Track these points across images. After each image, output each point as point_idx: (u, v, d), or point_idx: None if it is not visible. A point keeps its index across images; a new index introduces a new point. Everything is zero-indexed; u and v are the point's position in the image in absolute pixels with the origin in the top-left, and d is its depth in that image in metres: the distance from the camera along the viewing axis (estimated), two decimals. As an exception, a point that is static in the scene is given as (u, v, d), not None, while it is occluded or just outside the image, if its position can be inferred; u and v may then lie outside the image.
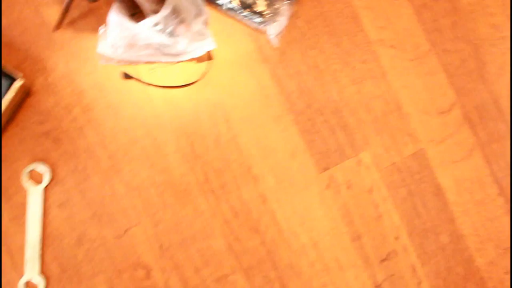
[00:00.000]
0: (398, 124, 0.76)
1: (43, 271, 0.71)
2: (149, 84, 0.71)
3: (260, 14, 0.72)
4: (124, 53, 0.69)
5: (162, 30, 0.69)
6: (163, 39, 0.68)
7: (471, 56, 0.78)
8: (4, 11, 0.70)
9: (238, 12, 0.72)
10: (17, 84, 0.67)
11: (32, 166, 0.71)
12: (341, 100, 0.75)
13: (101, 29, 0.69)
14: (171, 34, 0.70)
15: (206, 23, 0.71)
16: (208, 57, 0.72)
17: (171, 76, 0.72)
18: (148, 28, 0.68)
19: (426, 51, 0.77)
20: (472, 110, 0.77)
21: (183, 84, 0.72)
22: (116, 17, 0.67)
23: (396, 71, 0.76)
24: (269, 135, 0.74)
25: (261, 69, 0.74)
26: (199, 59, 0.73)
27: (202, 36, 0.70)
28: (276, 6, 0.72)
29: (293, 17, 0.74)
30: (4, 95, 0.67)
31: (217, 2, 0.72)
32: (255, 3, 0.73)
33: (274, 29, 0.73)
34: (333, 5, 0.76)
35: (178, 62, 0.72)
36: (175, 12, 0.69)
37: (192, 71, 0.72)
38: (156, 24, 0.68)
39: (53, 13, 0.71)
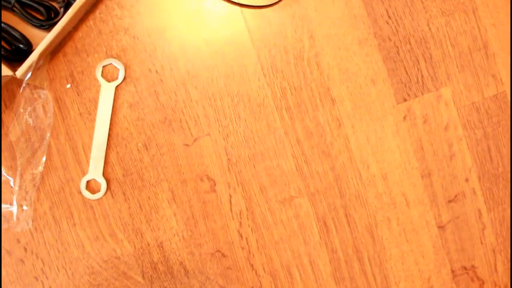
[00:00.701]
0: (483, 63, 0.77)
1: (106, 173, 0.72)
2: (234, 3, 0.71)
3: None
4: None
5: None
6: None
7: None
8: None
9: None
10: None
11: (107, 61, 0.71)
12: (429, 31, 0.76)
13: None
14: None
15: None
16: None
17: None
18: None
19: (520, -9, 0.77)
20: (558, 58, 0.78)
21: (269, 3, 0.73)
22: None
23: (488, 8, 0.77)
24: (352, 58, 0.74)
25: (351, -12, 0.74)
26: None
27: None
28: None
29: None
30: None
31: None
32: None
33: None
34: None
35: None
36: None
37: None
38: None
39: None
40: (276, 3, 0.73)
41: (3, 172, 0.70)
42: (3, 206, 0.70)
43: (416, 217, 0.77)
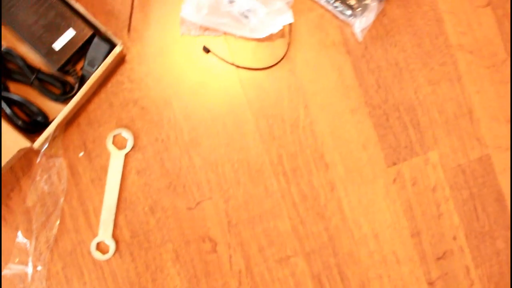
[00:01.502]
0: (468, 127, 0.88)
1: (114, 235, 0.83)
2: (228, 62, 0.83)
3: (350, 7, 0.84)
4: (207, 15, 0.81)
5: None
6: (245, 4, 0.79)
7: None
8: None
9: (330, 2, 0.84)
10: (117, 50, 0.78)
11: (117, 131, 0.82)
12: (416, 99, 0.87)
13: None
14: (253, 2, 0.81)
15: (289, 4, 0.82)
16: (289, 39, 0.84)
17: (249, 56, 0.83)
18: None
19: (503, 60, 0.89)
20: (540, 122, 0.89)
21: (261, 67, 0.84)
22: None
23: (472, 76, 0.88)
24: (345, 125, 0.85)
25: (344, 60, 0.86)
26: (277, 44, 0.84)
27: (281, 12, 0.82)
28: (367, 2, 0.84)
29: (380, 14, 0.86)
30: (103, 59, 0.78)
31: None
32: (345, -4, 0.84)
33: (361, 24, 0.84)
34: (419, 7, 0.87)
35: (254, 38, 0.83)
36: None
37: (271, 53, 0.84)
38: None
39: None
40: (271, 66, 0.84)
41: (19, 235, 0.81)
42: (18, 267, 0.81)
43: (407, 274, 0.88)
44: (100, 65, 0.80)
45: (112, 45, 0.80)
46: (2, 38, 0.82)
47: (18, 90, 0.81)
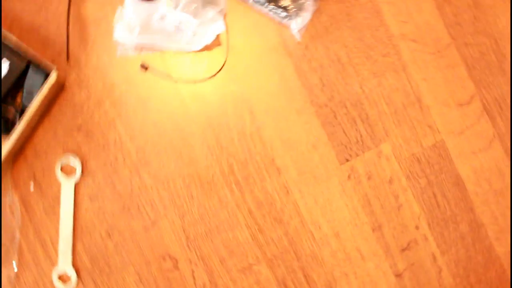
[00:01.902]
0: (418, 116, 0.89)
1: (75, 263, 0.84)
2: (168, 77, 0.84)
3: (285, 8, 0.86)
4: (140, 34, 0.83)
5: (175, 8, 0.82)
6: (176, 18, 0.81)
7: (491, 49, 0.91)
8: (41, 7, 0.83)
9: (264, 6, 0.85)
10: (51, 78, 0.80)
11: (65, 159, 0.84)
12: (363, 93, 0.88)
13: (117, 11, 0.82)
14: (184, 14, 0.83)
15: (221, 13, 0.83)
16: (227, 48, 0.85)
17: (188, 69, 0.85)
18: (163, 6, 0.80)
19: (447, 45, 0.90)
20: (491, 102, 0.91)
21: (201, 79, 0.85)
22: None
23: (417, 65, 0.90)
24: (292, 127, 0.87)
25: (285, 62, 0.87)
26: (215, 53, 0.86)
27: (213, 21, 0.83)
28: (301, 1, 0.85)
29: (316, 12, 0.88)
30: (40, 89, 0.80)
31: None
32: (278, -2, 0.86)
33: (298, 24, 0.86)
34: (357, 0, 0.88)
35: (191, 50, 0.85)
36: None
37: (211, 63, 0.85)
38: (169, 3, 0.81)
39: (90, 7, 0.84)
40: (211, 77, 0.86)
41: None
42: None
43: (373, 269, 0.89)
44: (37, 94, 0.81)
45: (49, 74, 0.82)
46: None
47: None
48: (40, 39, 0.86)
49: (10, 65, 0.82)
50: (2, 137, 0.83)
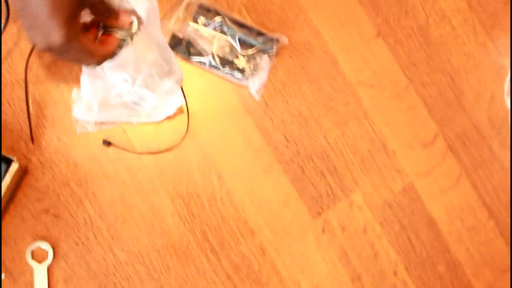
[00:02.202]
0: (385, 161, 0.91)
1: None
2: (131, 151, 0.85)
3: (240, 70, 0.87)
4: (99, 111, 0.84)
5: (132, 86, 0.83)
6: (134, 94, 0.82)
7: (448, 86, 0.94)
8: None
9: (219, 69, 0.87)
10: (13, 167, 0.80)
11: (34, 245, 0.84)
12: (328, 145, 0.90)
13: (74, 92, 0.83)
14: (142, 89, 0.84)
15: (178, 81, 0.85)
16: (187, 116, 0.87)
17: (152, 140, 0.86)
18: (120, 83, 0.81)
19: (405, 87, 0.93)
20: (454, 138, 0.93)
21: (165, 149, 0.86)
22: (87, 76, 0.84)
23: (378, 110, 0.92)
24: (261, 187, 0.88)
25: (246, 122, 0.89)
26: (177, 121, 0.87)
27: (171, 94, 0.85)
28: (256, 61, 0.87)
29: (272, 69, 0.89)
30: (2, 179, 0.80)
31: (200, 60, 0.86)
32: (235, 59, 0.87)
33: (255, 84, 0.88)
34: (311, 52, 0.91)
35: (152, 122, 0.86)
36: (145, 66, 0.83)
37: (174, 131, 0.87)
38: (126, 80, 0.82)
39: (44, 89, 0.84)
40: (174, 147, 0.87)
41: None
42: None
43: (356, 319, 0.91)
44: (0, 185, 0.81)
45: (8, 162, 0.82)
46: None
47: None
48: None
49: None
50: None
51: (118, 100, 0.86)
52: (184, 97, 0.87)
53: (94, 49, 0.73)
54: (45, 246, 0.87)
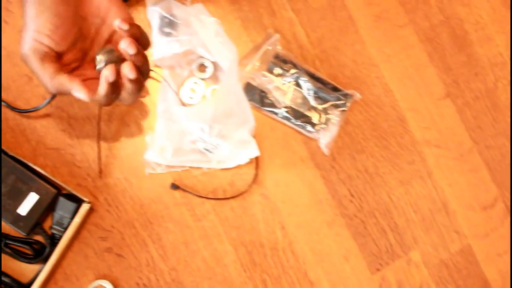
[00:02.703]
0: (445, 221, 0.93)
1: None
2: (198, 196, 0.86)
3: (313, 123, 0.88)
4: (172, 157, 0.84)
5: (208, 134, 0.84)
6: (208, 142, 0.83)
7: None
8: (66, 129, 0.84)
9: (292, 120, 0.88)
10: (84, 208, 0.81)
11: (96, 283, 0.85)
12: (391, 202, 0.91)
13: (149, 136, 0.85)
14: (216, 139, 0.85)
15: (251, 131, 0.86)
16: (256, 165, 0.88)
17: (218, 185, 0.87)
18: (195, 131, 0.83)
19: (469, 148, 0.94)
20: (514, 203, 0.95)
21: (232, 195, 0.87)
22: (162, 120, 0.86)
23: (441, 170, 0.93)
24: (323, 239, 0.90)
25: (313, 174, 0.90)
26: (245, 168, 0.89)
27: (246, 144, 0.86)
28: (328, 115, 0.88)
29: (343, 123, 0.90)
30: (73, 218, 0.81)
31: (273, 110, 0.88)
32: (307, 112, 0.88)
33: (325, 138, 0.89)
34: (381, 109, 0.92)
35: (222, 168, 0.87)
36: (223, 117, 0.84)
37: (241, 179, 0.88)
38: (202, 129, 0.83)
39: (114, 130, 0.86)
40: (242, 193, 0.88)
41: None
42: None
43: None
44: (69, 223, 0.82)
45: (78, 201, 0.83)
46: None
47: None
48: (65, 164, 0.87)
49: (39, 197, 0.83)
50: (33, 264, 0.84)
51: (191, 146, 0.87)
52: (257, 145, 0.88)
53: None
54: (107, 284, 0.88)
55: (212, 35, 0.81)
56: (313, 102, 0.91)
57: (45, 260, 0.85)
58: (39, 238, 0.86)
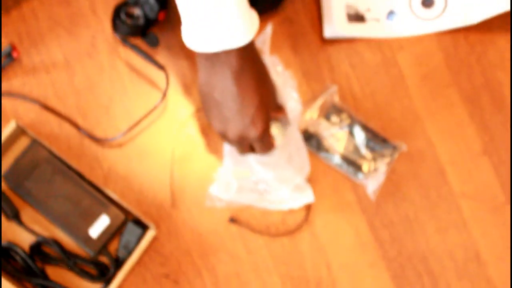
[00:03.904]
0: (477, 270, 1.02)
1: None
2: (253, 231, 0.95)
3: (362, 170, 0.97)
4: (235, 193, 0.93)
5: (270, 177, 0.93)
6: (269, 184, 0.93)
7: None
8: (136, 159, 0.93)
9: (343, 167, 0.97)
10: (150, 234, 0.90)
11: None
12: (428, 249, 1.00)
13: (218, 172, 0.95)
14: (276, 182, 0.94)
15: (306, 177, 0.95)
16: (307, 207, 0.96)
17: (272, 223, 0.98)
18: (259, 171, 0.92)
19: (502, 203, 1.04)
20: (541, 258, 1.04)
21: (284, 233, 0.96)
22: (230, 158, 0.94)
23: (476, 221, 1.03)
24: (364, 280, 0.98)
25: (359, 218, 0.99)
26: (298, 209, 0.98)
27: (302, 189, 0.95)
28: (377, 164, 0.98)
29: (389, 172, 0.99)
30: (138, 243, 0.90)
31: (327, 156, 0.99)
32: (358, 160, 0.98)
33: (373, 185, 0.98)
34: (423, 161, 1.02)
35: (277, 209, 0.96)
36: (284, 162, 0.93)
37: (292, 218, 0.97)
38: (265, 171, 0.92)
39: (184, 163, 0.95)
40: (293, 231, 0.97)
41: None
42: None
43: None
44: (134, 248, 0.91)
45: (144, 227, 0.91)
46: (39, 225, 0.93)
47: (55, 272, 0.93)
48: (134, 191, 0.96)
49: (110, 220, 0.91)
50: (95, 283, 0.93)
51: (252, 186, 0.96)
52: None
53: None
54: (162, 309, 0.96)
55: (284, 86, 0.91)
56: (364, 151, 1.00)
57: (108, 281, 0.92)
58: (104, 259, 0.95)
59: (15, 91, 0.97)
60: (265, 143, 0.85)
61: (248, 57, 0.75)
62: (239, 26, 0.73)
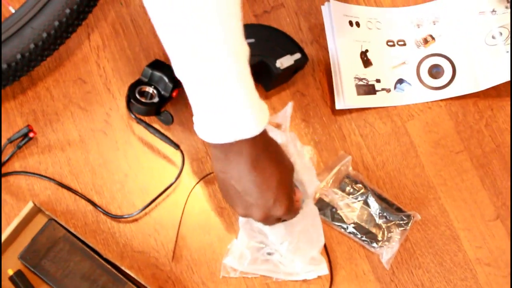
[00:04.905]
0: None
1: None
2: None
3: (376, 239, 0.99)
4: (248, 265, 0.95)
5: (284, 248, 0.95)
6: (283, 256, 0.94)
7: None
8: (152, 234, 0.96)
9: (358, 236, 0.99)
10: None
11: None
12: None
13: (232, 244, 0.98)
14: (290, 253, 0.96)
15: (320, 250, 0.97)
16: (322, 277, 0.99)
17: None
18: (273, 244, 0.94)
19: (518, 268, 1.05)
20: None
21: None
22: (244, 231, 0.96)
23: (491, 287, 1.03)
24: None
25: (374, 287, 1.00)
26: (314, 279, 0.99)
27: (316, 261, 0.97)
28: (391, 233, 0.99)
29: (403, 241, 1.01)
30: None
31: (341, 225, 1.00)
32: (372, 229, 1.00)
33: (387, 254, 1.00)
34: (437, 228, 1.03)
35: (291, 280, 0.98)
36: (299, 234, 0.95)
37: None
38: (280, 243, 0.94)
39: (195, 234, 0.99)
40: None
41: None
42: None
43: None
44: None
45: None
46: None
47: None
48: (150, 265, 0.97)
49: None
50: None
51: (267, 257, 0.98)
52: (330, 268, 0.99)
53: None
54: None
55: (302, 160, 0.95)
56: (378, 221, 1.02)
57: None
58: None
59: (31, 169, 0.99)
60: (291, 213, 0.88)
61: (260, 143, 0.77)
62: (250, 117, 0.76)
